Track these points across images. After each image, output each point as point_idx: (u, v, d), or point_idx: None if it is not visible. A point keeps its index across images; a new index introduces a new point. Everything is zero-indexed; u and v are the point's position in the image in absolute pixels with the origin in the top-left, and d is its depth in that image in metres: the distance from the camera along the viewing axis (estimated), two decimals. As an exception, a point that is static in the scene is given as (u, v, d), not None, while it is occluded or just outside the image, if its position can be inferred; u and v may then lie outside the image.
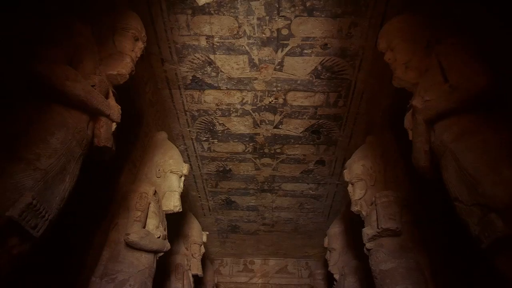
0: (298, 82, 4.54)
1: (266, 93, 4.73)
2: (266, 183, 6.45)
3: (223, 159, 5.89)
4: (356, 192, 3.85)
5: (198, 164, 6.04)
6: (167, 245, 3.55)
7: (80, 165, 1.84)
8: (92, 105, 1.89)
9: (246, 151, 5.72)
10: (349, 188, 3.98)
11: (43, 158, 1.51)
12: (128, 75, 2.32)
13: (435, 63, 2.03)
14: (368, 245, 3.42)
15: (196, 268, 5.39)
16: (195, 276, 5.44)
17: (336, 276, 5.31)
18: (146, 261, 3.16)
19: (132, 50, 2.38)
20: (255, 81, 4.56)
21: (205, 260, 7.43)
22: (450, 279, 2.87)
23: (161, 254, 3.45)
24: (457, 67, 1.78)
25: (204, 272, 6.96)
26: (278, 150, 5.69)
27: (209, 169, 6.16)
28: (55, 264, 2.69)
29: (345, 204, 6.55)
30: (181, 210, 3.95)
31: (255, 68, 4.39)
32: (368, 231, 3.41)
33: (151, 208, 3.40)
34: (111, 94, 2.19)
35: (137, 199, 3.30)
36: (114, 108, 2.15)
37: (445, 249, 2.97)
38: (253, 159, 5.89)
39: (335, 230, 5.84)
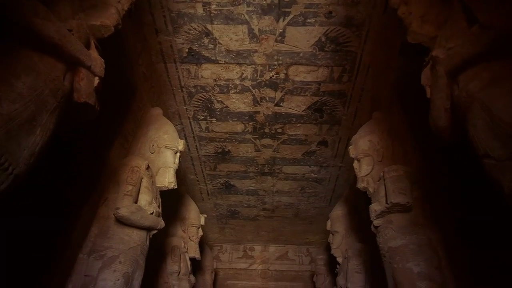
0: (301, 55, 4.29)
1: (267, 67, 4.48)
2: (266, 165, 6.24)
3: (221, 139, 5.67)
4: (363, 168, 3.63)
5: (196, 145, 5.82)
6: (161, 223, 3.34)
7: (56, 119, 1.61)
8: (69, 52, 1.65)
9: (245, 131, 5.49)
10: (355, 164, 3.76)
11: (5, 102, 1.28)
12: (113, 28, 2.08)
13: (457, 9, 1.79)
14: (375, 222, 3.22)
15: (193, 251, 5.21)
16: (193, 259, 5.26)
17: (339, 259, 5.14)
18: (138, 238, 2.96)
19: (119, 2, 2.14)
20: (255, 54, 4.31)
21: (204, 245, 7.26)
22: (464, 256, 2.68)
23: (155, 231, 3.25)
24: (488, 4, 1.55)
25: (203, 257, 6.80)
26: (279, 130, 5.46)
27: (207, 151, 5.94)
28: (39, 240, 2.48)
29: (348, 187, 6.35)
30: (176, 187, 3.73)
31: (255, 40, 4.13)
32: (376, 207, 3.20)
33: (143, 183, 3.19)
34: (93, 45, 1.96)
35: (128, 173, 3.09)
36: (96, 60, 1.92)
37: (459, 225, 2.77)
38: (253, 140, 5.66)
39: (338, 212, 5.65)
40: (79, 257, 2.75)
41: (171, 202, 5.44)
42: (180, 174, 6.22)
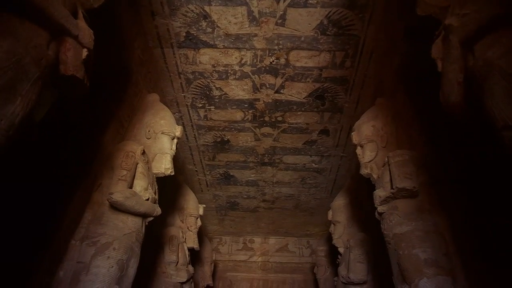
0: (302, 39, 4.15)
1: (267, 52, 4.34)
2: (266, 155, 6.12)
3: (220, 128, 5.54)
4: (366, 154, 3.51)
5: (194, 134, 5.70)
6: (157, 210, 3.23)
7: (39, 91, 1.49)
8: (52, 17, 1.52)
9: (245, 119, 5.37)
10: (358, 150, 3.64)
11: (-22, 65, 1.16)
12: (103, -2, 1.95)
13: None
14: (380, 208, 3.11)
15: (192, 241, 5.11)
16: (191, 250, 5.17)
17: (341, 250, 5.04)
18: (133, 225, 2.85)
19: (109, -30, 2.00)
20: (254, 38, 4.17)
21: (203, 237, 7.17)
22: (473, 242, 2.57)
23: (151, 219, 3.14)
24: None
25: (202, 249, 6.71)
26: (280, 118, 5.34)
27: (206, 140, 5.82)
28: (28, 225, 2.37)
29: (350, 177, 6.24)
30: (173, 173, 3.62)
31: (254, 23, 3.99)
32: (380, 193, 3.09)
33: (138, 169, 3.07)
34: (81, 15, 1.82)
35: (123, 158, 2.97)
36: (84, 31, 1.79)
37: (467, 211, 2.66)
38: (253, 129, 5.54)
39: (340, 202, 5.55)
40: (71, 243, 2.64)
41: (169, 192, 5.33)
42: (178, 163, 6.12)
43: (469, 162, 2.76)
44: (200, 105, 5.14)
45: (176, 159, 5.96)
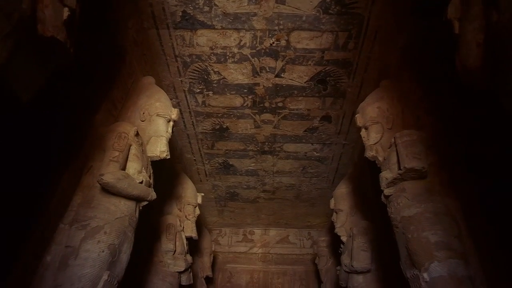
0: (303, 18, 3.97)
1: (267, 33, 4.17)
2: (266, 143, 5.96)
3: (219, 115, 5.38)
4: (371, 136, 3.35)
5: (192, 121, 5.53)
6: (152, 194, 3.08)
7: (12, 49, 1.33)
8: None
9: (244, 105, 5.20)
10: (362, 133, 3.49)
11: None
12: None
13: None
14: (386, 191, 2.96)
15: (190, 230, 4.97)
16: (190, 239, 5.04)
17: (344, 238, 4.90)
18: (125, 208, 2.70)
19: None
20: (254, 18, 3.99)
21: (202, 227, 7.05)
22: (487, 224, 2.43)
23: (145, 203, 2.99)
24: None
25: (201, 240, 6.59)
26: (280, 104, 5.17)
27: (204, 127, 5.66)
28: (10, 207, 2.22)
29: (352, 165, 6.09)
30: (168, 156, 3.46)
31: (253, 0, 3.81)
32: (387, 175, 2.94)
33: (132, 151, 2.91)
34: (62, -29, 1.67)
35: (115, 138, 2.81)
36: (64, -13, 1.63)
37: (480, 192, 2.51)
38: (252, 115, 5.38)
39: (342, 190, 5.40)
40: (59, 227, 2.50)
41: (167, 180, 5.19)
42: (176, 152, 5.97)
43: (482, 140, 2.61)
44: (198, 90, 4.97)
45: (174, 148, 5.83)
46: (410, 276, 2.58)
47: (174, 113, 3.67)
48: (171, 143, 4.24)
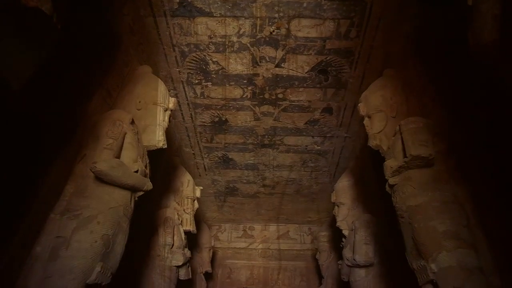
0: (304, 5, 3.86)
1: (267, 20, 4.05)
2: (266, 136, 5.85)
3: (218, 106, 5.27)
4: (375, 125, 3.25)
5: (191, 113, 5.42)
6: (148, 184, 2.98)
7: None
8: None
9: (244, 96, 5.09)
10: (366, 121, 3.38)
11: None
12: None
13: None
14: (391, 180, 2.85)
15: (188, 224, 4.87)
16: (188, 233, 4.94)
17: (345, 232, 4.81)
18: (120, 198, 2.60)
19: None
20: (253, 4, 3.88)
21: (201, 222, 6.95)
22: (497, 213, 2.33)
23: (140, 193, 2.88)
24: None
25: (200, 235, 6.50)
26: (280, 96, 5.06)
27: (203, 120, 5.54)
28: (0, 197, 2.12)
29: (354, 158, 5.99)
30: (165, 146, 3.36)
31: (253, -14, 3.70)
32: (391, 163, 2.84)
33: (127, 139, 2.81)
34: None
35: (109, 126, 2.71)
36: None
37: (490, 180, 2.41)
38: (252, 107, 5.26)
39: (344, 183, 5.30)
40: (50, 217, 2.40)
41: (164, 173, 5.09)
42: (174, 145, 5.87)
43: (491, 126, 2.50)
44: (196, 81, 4.85)
45: (172, 140, 5.72)
46: (416, 267, 2.48)
47: (171, 102, 3.57)
48: (169, 135, 4.13)
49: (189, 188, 5.27)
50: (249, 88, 4.94)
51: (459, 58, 2.76)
